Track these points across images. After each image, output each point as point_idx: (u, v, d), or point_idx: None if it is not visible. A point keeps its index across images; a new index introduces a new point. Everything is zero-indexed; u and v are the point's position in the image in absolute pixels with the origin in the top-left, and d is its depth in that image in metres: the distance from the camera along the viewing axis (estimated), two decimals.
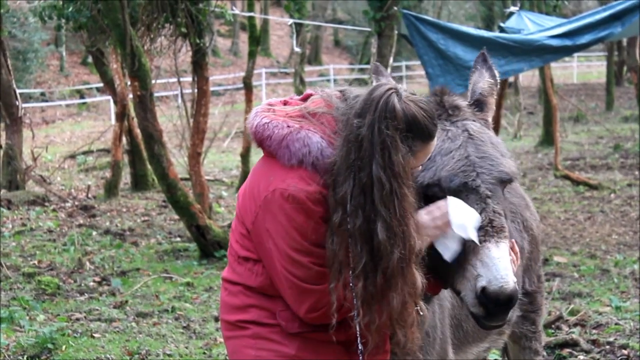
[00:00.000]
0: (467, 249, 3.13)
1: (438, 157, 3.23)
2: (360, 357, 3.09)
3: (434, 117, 3.05)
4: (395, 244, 2.93)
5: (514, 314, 4.73)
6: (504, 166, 3.30)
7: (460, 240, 3.13)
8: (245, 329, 3.20)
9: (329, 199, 3.01)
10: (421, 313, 3.12)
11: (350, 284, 2.99)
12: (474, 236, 3.09)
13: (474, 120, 3.41)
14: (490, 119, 3.58)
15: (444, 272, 3.23)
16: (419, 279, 3.02)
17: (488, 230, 3.14)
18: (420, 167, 3.16)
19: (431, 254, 3.18)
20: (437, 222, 3.11)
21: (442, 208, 3.12)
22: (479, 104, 3.54)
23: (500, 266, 3.07)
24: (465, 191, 3.20)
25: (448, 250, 3.16)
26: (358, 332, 3.04)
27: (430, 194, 3.23)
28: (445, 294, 3.94)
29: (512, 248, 3.26)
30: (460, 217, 3.09)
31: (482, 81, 3.66)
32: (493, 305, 3.07)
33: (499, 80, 3.78)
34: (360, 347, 3.07)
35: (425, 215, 3.11)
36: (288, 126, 3.09)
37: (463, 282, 3.15)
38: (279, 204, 3.03)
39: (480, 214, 3.15)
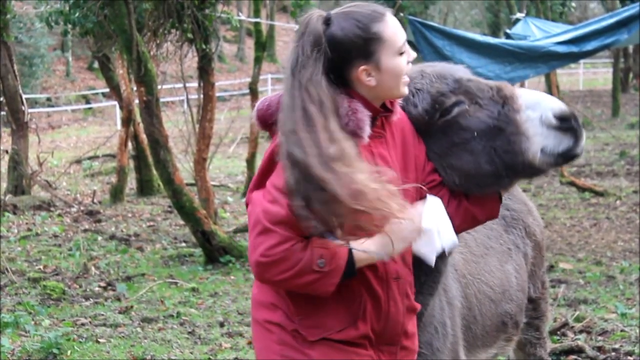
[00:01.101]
0: (508, 118, 3.21)
1: (418, 87, 3.32)
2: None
3: (372, 17, 3.05)
4: (307, 155, 2.87)
5: (522, 319, 4.73)
6: (461, 68, 3.48)
7: (438, 243, 3.12)
8: (271, 332, 3.18)
9: None
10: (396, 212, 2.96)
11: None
12: (442, 246, 3.10)
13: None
14: None
15: (507, 164, 3.25)
16: (365, 171, 2.90)
17: (505, 87, 3.30)
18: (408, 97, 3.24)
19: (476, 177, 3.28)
20: (410, 233, 3.07)
21: (417, 208, 3.12)
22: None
23: (542, 96, 3.23)
24: (461, 85, 3.33)
25: (430, 254, 3.14)
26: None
27: (441, 109, 3.29)
28: (455, 294, 3.94)
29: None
30: (432, 220, 3.08)
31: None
32: (574, 120, 3.17)
33: None
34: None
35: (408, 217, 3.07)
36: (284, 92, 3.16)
37: (531, 140, 3.19)
38: (277, 153, 3.03)
39: (487, 86, 3.31)
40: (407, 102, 3.30)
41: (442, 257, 3.34)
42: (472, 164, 3.26)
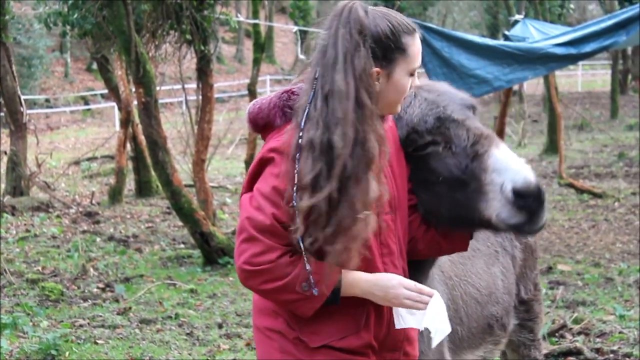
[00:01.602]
0: (474, 173, 3.13)
1: (402, 113, 3.25)
2: (307, 265, 2.99)
3: (405, 28, 3.05)
4: (353, 149, 2.88)
5: (512, 321, 4.73)
6: (462, 95, 3.36)
7: (421, 328, 3.10)
8: (272, 339, 3.16)
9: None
10: (369, 225, 2.97)
11: (293, 202, 2.92)
12: (434, 342, 3.07)
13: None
14: None
15: (463, 215, 3.20)
16: (374, 188, 2.93)
17: (482, 142, 3.15)
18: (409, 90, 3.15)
19: (445, 211, 3.21)
20: (409, 301, 3.05)
21: (423, 296, 3.06)
22: None
23: (513, 164, 3.08)
24: (441, 125, 3.22)
25: (402, 321, 3.12)
26: (303, 250, 2.96)
27: (413, 146, 3.24)
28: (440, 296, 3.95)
29: None
30: (433, 320, 3.05)
31: None
32: (532, 200, 3.04)
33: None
34: (307, 267, 2.98)
35: (405, 286, 3.06)
36: (275, 94, 3.16)
37: (489, 203, 3.10)
38: (267, 159, 3.03)
39: (467, 135, 3.18)
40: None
41: (429, 261, 3.40)
42: (434, 204, 3.26)
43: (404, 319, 3.12)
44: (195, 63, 13.03)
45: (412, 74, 3.07)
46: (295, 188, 2.91)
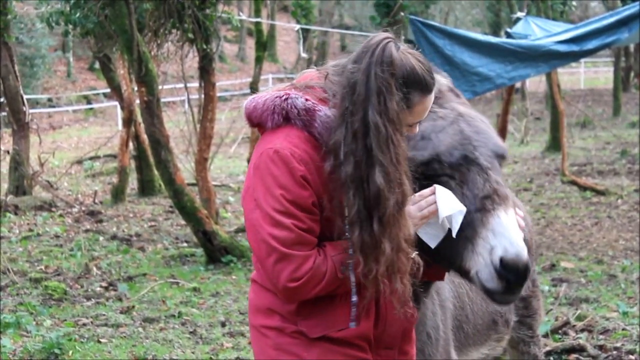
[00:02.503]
0: (473, 223, 3.07)
1: (433, 135, 3.18)
2: (353, 309, 3.05)
3: (431, 70, 3.01)
4: (392, 190, 2.89)
5: (512, 317, 4.74)
6: (497, 140, 3.29)
7: (446, 228, 3.09)
8: (266, 337, 3.16)
9: (323, 148, 2.97)
10: (416, 260, 3.03)
11: (346, 234, 2.95)
12: (456, 227, 3.06)
13: (459, 103, 3.37)
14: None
15: (446, 254, 3.17)
16: (411, 225, 2.99)
17: (495, 199, 3.08)
18: (418, 138, 3.14)
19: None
20: (424, 211, 3.08)
21: (427, 198, 3.09)
22: (453, 91, 3.47)
23: (513, 234, 3.00)
24: (465, 164, 3.16)
25: (433, 238, 3.12)
26: (354, 283, 3.00)
27: (430, 172, 3.17)
28: (447, 295, 3.94)
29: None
30: (448, 208, 3.05)
31: (441, 79, 3.53)
32: (514, 275, 2.98)
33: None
34: (354, 299, 3.04)
35: (411, 206, 3.07)
36: (270, 93, 3.10)
37: (474, 258, 3.06)
38: (265, 165, 2.98)
39: (483, 184, 3.11)
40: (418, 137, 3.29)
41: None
42: (424, 235, 3.22)
43: (431, 235, 3.13)
44: (197, 62, 13.03)
45: (409, 125, 3.05)
46: (345, 221, 2.94)
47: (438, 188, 3.10)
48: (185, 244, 12.56)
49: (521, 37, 13.00)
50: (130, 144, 16.92)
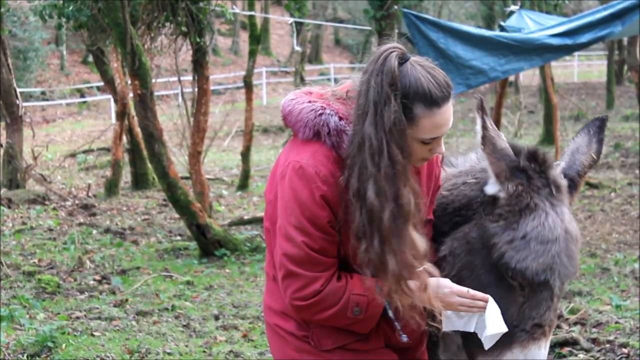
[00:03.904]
0: (513, 337, 3.08)
1: (533, 243, 3.06)
2: (397, 324, 3.07)
3: (443, 85, 2.91)
4: (384, 203, 2.84)
5: None
6: (578, 267, 3.24)
7: (470, 329, 3.10)
8: (286, 340, 3.16)
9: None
10: (431, 273, 3.01)
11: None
12: (490, 344, 3.07)
13: (568, 207, 3.26)
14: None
15: (469, 339, 3.20)
16: (420, 239, 2.92)
17: (545, 330, 3.10)
18: (520, 235, 3.07)
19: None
20: (461, 303, 3.04)
21: (475, 301, 3.05)
22: (572, 184, 3.35)
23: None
24: (541, 286, 3.10)
25: (449, 325, 3.12)
26: (391, 312, 3.02)
27: (509, 275, 3.10)
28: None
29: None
30: (495, 326, 3.03)
31: (587, 154, 3.43)
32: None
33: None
34: (398, 326, 3.06)
35: (454, 288, 3.05)
36: (309, 102, 3.03)
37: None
38: (289, 177, 2.96)
39: (544, 312, 3.10)
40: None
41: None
42: (445, 317, 3.20)
43: (452, 322, 3.11)
44: (191, 55, 13.02)
45: (424, 142, 2.95)
46: (354, 234, 2.92)
47: (491, 301, 3.06)
48: (178, 238, 12.55)
49: (515, 31, 13.00)
50: (124, 138, 16.90)
